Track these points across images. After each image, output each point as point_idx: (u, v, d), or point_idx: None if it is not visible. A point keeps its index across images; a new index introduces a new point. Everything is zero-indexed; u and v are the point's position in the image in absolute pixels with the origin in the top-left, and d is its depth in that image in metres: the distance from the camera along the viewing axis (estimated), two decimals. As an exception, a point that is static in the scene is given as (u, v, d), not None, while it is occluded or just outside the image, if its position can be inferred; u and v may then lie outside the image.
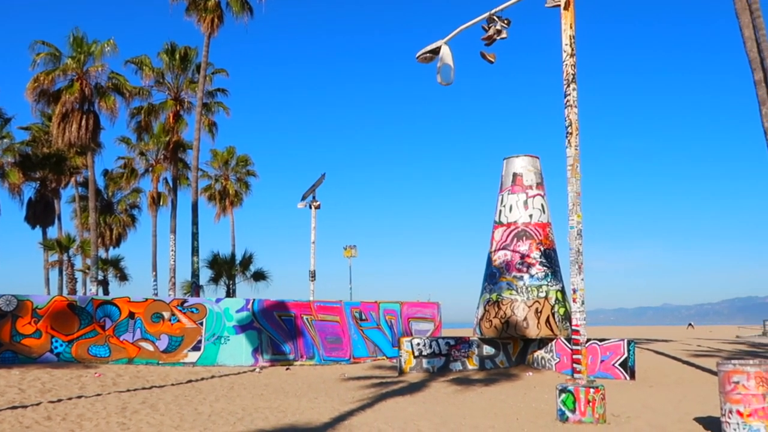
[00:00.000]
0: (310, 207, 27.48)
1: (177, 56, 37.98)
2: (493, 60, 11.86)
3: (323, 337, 22.85)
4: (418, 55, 12.14)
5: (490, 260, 19.93)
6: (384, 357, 23.82)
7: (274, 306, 22.51)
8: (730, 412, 8.64)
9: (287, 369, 20.93)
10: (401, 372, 18.96)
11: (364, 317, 23.97)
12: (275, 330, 22.11)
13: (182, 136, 39.63)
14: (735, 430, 8.56)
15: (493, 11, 11.64)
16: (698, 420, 10.50)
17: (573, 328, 11.17)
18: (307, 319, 22.76)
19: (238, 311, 21.80)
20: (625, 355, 17.44)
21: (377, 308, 24.53)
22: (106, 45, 33.53)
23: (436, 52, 11.90)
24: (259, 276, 41.83)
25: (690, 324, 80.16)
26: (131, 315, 20.56)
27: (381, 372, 20.12)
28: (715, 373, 9.20)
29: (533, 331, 18.67)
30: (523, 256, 19.19)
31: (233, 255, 42.94)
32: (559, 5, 11.18)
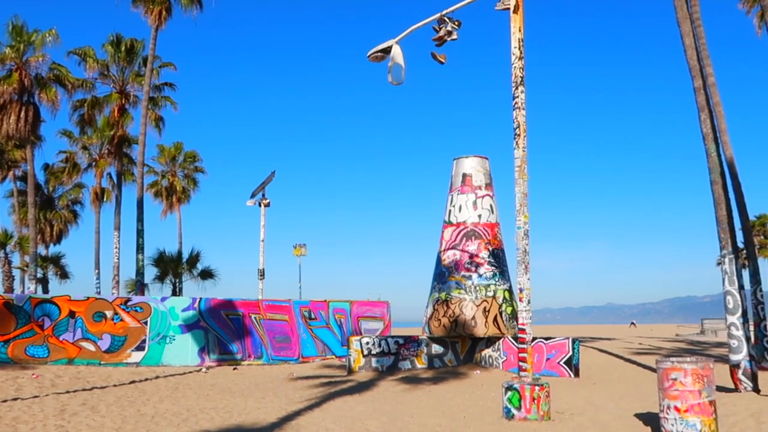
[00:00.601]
0: (260, 205, 27.18)
1: (123, 48, 37.00)
2: (443, 61, 11.93)
3: (272, 336, 22.62)
4: (369, 54, 12.12)
5: (439, 260, 20.08)
6: (333, 356, 23.74)
7: (221, 305, 22.18)
8: (668, 408, 8.88)
9: (234, 369, 20.65)
10: (350, 371, 18.92)
11: (313, 316, 23.83)
12: (222, 329, 21.78)
13: (127, 130, 38.65)
14: (673, 425, 8.80)
15: (444, 12, 11.71)
16: (638, 416, 10.78)
17: (519, 326, 11.34)
18: (255, 318, 22.49)
19: (184, 310, 21.39)
20: (570, 353, 17.80)
21: (327, 307, 24.42)
22: (47, 35, 32.37)
23: (387, 51, 11.91)
24: (206, 274, 41.15)
25: (632, 323, 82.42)
26: (71, 314, 19.93)
27: (330, 371, 20.04)
28: (655, 371, 9.45)
29: (481, 329, 18.89)
30: (471, 256, 19.39)
31: (180, 253, 42.12)
32: (509, 8, 11.32)
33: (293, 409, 12.24)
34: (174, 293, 39.07)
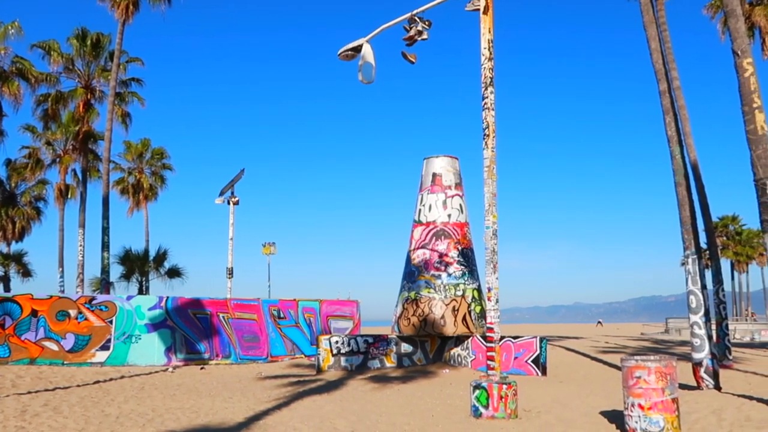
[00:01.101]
0: (229, 203, 26.93)
1: (88, 42, 36.32)
2: (414, 60, 11.95)
3: (240, 335, 22.43)
4: (339, 52, 12.08)
5: (409, 259, 20.12)
6: (302, 355, 23.63)
7: (188, 304, 21.91)
8: (633, 405, 9.02)
9: (202, 368, 20.43)
10: (319, 370, 18.86)
11: (282, 315, 23.69)
12: (190, 328, 21.53)
13: (93, 126, 37.96)
14: (636, 422, 8.94)
15: (414, 12, 11.73)
16: (603, 413, 10.92)
17: (487, 325, 11.40)
18: (223, 317, 22.28)
19: (150, 309, 21.09)
20: (538, 352, 17.98)
21: (296, 306, 24.30)
22: (10, 27, 31.67)
23: (357, 50, 11.89)
24: (173, 273, 40.60)
25: (599, 322, 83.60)
26: (34, 313, 19.50)
27: (299, 370, 19.95)
28: (620, 369, 9.58)
29: (450, 328, 18.97)
30: (441, 255, 19.47)
31: (147, 251, 41.51)
32: (479, 9, 11.37)
33: (261, 408, 12.15)
34: (140, 292, 38.49)
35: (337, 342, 19.29)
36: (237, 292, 27.54)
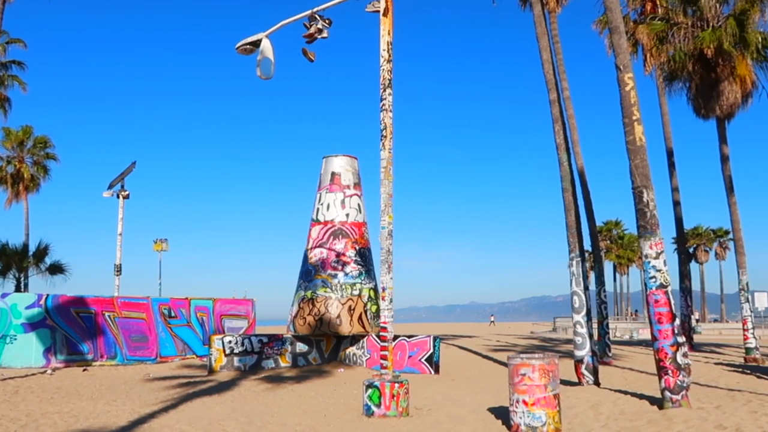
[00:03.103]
0: (118, 196, 25.81)
1: (-35, 21, 33.72)
2: (313, 58, 11.88)
3: (127, 335, 21.49)
4: (237, 45, 11.83)
5: (306, 258, 19.98)
6: (194, 356, 22.98)
7: (71, 302, 20.77)
8: (518, 401, 9.34)
9: (84, 370, 19.43)
10: (211, 371, 18.39)
11: (173, 314, 22.92)
12: (72, 328, 20.41)
13: (-32, 110, 35.35)
14: (521, 418, 9.27)
15: (315, 10, 11.66)
16: (491, 410, 11.27)
17: (381, 325, 11.50)
18: (109, 316, 21.27)
19: (27, 307, 19.82)
20: (431, 350, 18.31)
21: (188, 305, 23.59)
22: None
23: (256, 44, 11.67)
24: (55, 269, 38.30)
25: (491, 321, 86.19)
26: None
27: (189, 371, 19.37)
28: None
29: (346, 328, 19.00)
30: (338, 255, 19.46)
31: (26, 245, 38.95)
32: (378, 11, 11.45)
33: (147, 411, 11.69)
34: (18, 289, 36.10)
35: (230, 342, 18.87)
36: (125, 290, 26.39)
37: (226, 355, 18.65)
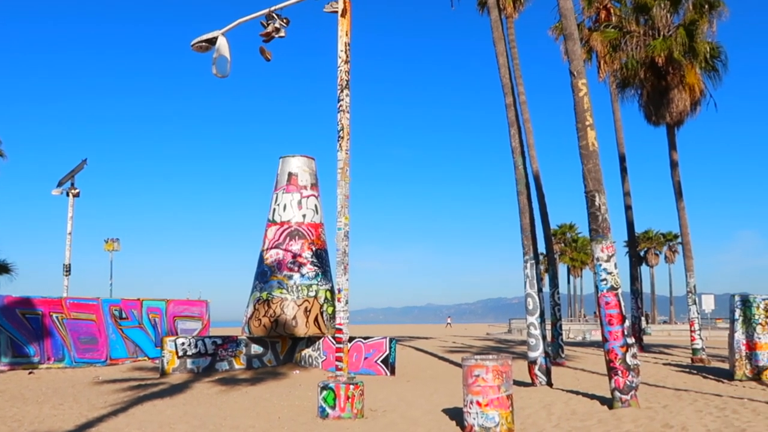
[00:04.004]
0: (68, 194, 25.19)
1: None
2: (269, 57, 11.79)
3: (76, 337, 20.94)
4: (193, 42, 11.64)
5: (262, 258, 19.79)
6: (146, 358, 22.54)
7: (16, 303, 20.15)
8: (471, 402, 9.42)
9: (30, 373, 18.86)
10: (163, 373, 18.05)
11: (124, 315, 22.44)
12: (17, 330, 19.79)
13: None
14: (474, 419, 9.35)
15: (272, 8, 11.56)
16: (445, 411, 11.33)
17: (336, 326, 11.45)
18: (57, 317, 20.70)
19: (-29, 309, 19.16)
20: (387, 352, 18.34)
21: (140, 306, 23.12)
22: None
23: (212, 42, 11.51)
24: (1, 269, 37.12)
25: (448, 322, 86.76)
26: None
27: (141, 374, 19.00)
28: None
29: (302, 329, 18.88)
30: (295, 256, 19.33)
31: (-29, 245, 37.73)
32: (337, 11, 11.42)
33: (95, 415, 11.40)
34: (-38, 290, 34.90)
35: (183, 343, 18.55)
36: (75, 291, 25.75)
37: (178, 357, 18.34)
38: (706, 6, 23.54)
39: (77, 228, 25.57)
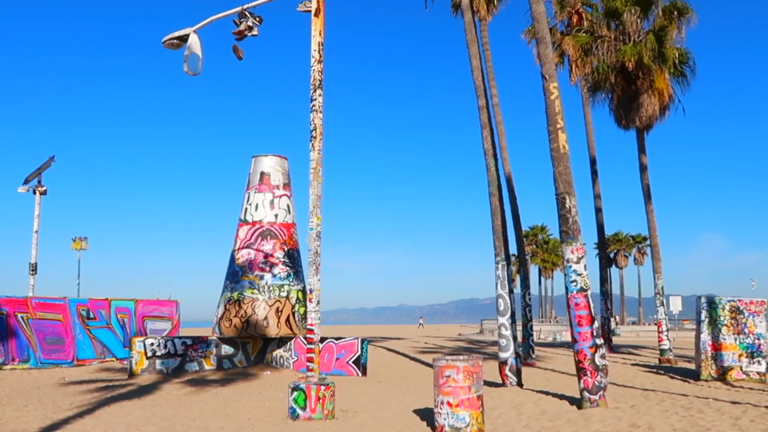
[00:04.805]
0: (34, 192, 24.70)
1: None
2: (242, 56, 11.70)
3: (42, 337, 20.53)
4: (164, 39, 11.50)
5: (233, 258, 19.63)
6: (114, 358, 22.21)
7: (-19, 302, 19.72)
8: (442, 403, 9.45)
9: (-6, 374, 18.47)
10: (131, 374, 17.80)
11: (92, 316, 22.07)
12: (-19, 330, 19.36)
13: None
14: (445, 419, 9.38)
15: (245, 6, 11.48)
16: (416, 412, 11.35)
17: (308, 327, 11.40)
18: (22, 317, 20.28)
19: (-67, 308, 18.70)
20: (359, 352, 18.31)
21: (108, 306, 22.76)
22: None
23: (184, 39, 11.39)
24: (-33, 268, 36.36)
25: (420, 323, 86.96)
26: None
27: (108, 375, 18.72)
28: (433, 368, 10.00)
29: (273, 330, 18.76)
30: (266, 256, 19.20)
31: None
32: (310, 11, 11.38)
33: (60, 417, 11.20)
34: (-76, 289, 34.06)
35: (152, 344, 18.32)
36: (41, 291, 25.25)
37: (147, 358, 18.10)
38: (675, 13, 23.97)
39: (44, 226, 25.13)
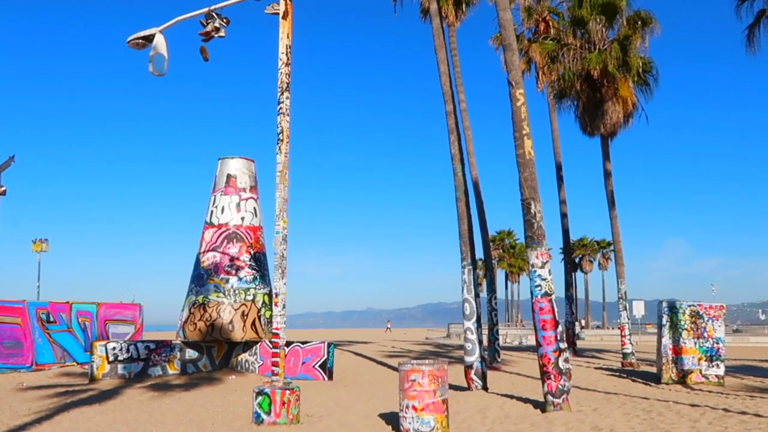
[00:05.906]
0: (-6, 193, 24.04)
1: None
2: (208, 57, 11.61)
3: (-1, 341, 20.03)
4: (129, 39, 11.34)
5: (198, 261, 19.40)
6: (74, 363, 21.75)
7: (-64, 306, 19.14)
8: (407, 407, 9.46)
9: (-51, 380, 17.94)
10: (93, 379, 17.45)
11: (52, 319, 21.59)
12: (-64, 334, 18.80)
13: None
14: (410, 423, 9.40)
15: (212, 7, 11.39)
16: (382, 416, 11.35)
17: (273, 331, 11.33)
18: (-21, 321, 19.76)
19: None
20: (325, 356, 18.24)
21: (69, 309, 22.30)
22: None
23: (149, 39, 11.24)
24: None
25: (388, 327, 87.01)
26: None
27: (69, 380, 18.32)
28: (400, 372, 10.01)
29: (239, 334, 18.58)
30: (232, 259, 19.03)
31: None
32: (278, 13, 11.34)
33: (17, 423, 10.94)
34: None
35: (114, 348, 17.99)
36: (-1, 294, 24.67)
37: (109, 363, 17.77)
38: (640, 22, 24.44)
39: (3, 228, 24.56)
